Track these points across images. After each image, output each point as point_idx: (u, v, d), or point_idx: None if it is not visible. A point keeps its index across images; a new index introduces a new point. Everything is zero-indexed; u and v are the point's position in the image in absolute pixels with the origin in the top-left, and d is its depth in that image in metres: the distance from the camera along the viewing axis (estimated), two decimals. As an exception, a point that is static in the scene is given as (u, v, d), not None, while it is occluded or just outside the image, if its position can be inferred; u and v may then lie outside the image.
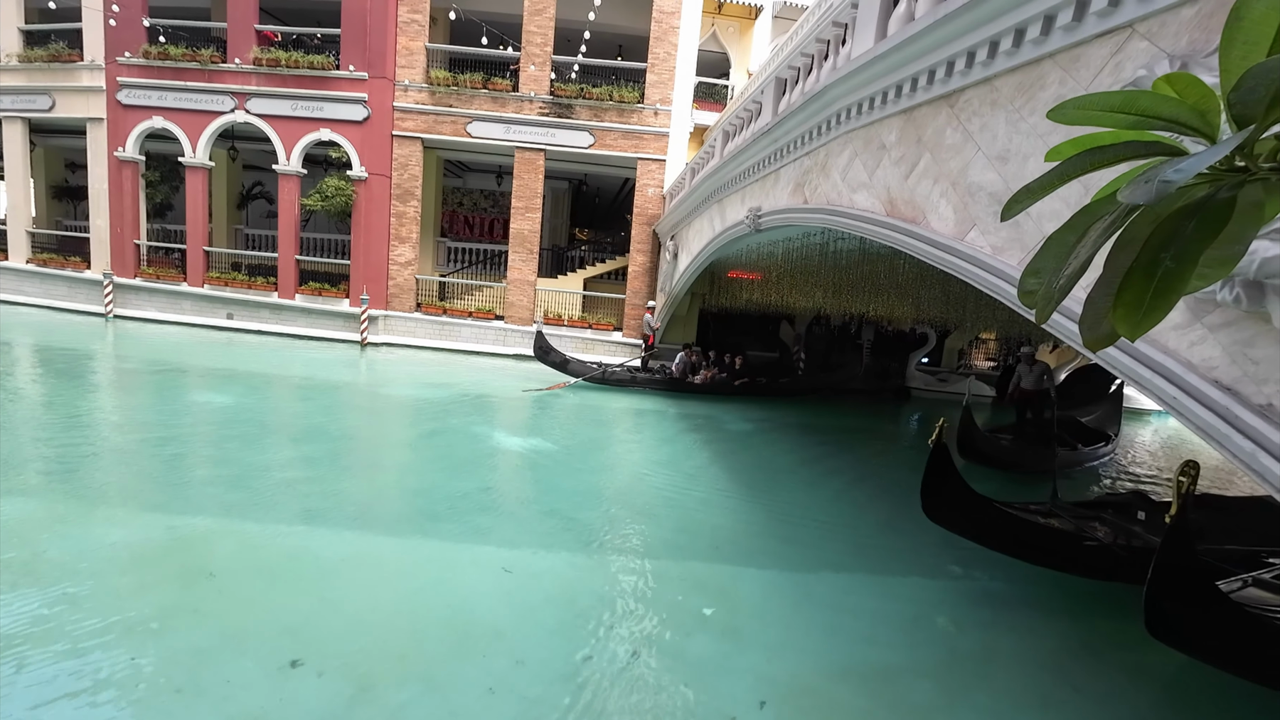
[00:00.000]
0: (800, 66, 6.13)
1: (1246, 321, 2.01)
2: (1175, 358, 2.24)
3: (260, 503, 5.11)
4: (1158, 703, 3.62)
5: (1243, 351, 2.03)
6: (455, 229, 18.89)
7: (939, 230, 3.74)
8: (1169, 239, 0.67)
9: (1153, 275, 0.67)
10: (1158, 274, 0.66)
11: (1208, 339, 2.14)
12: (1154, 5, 2.39)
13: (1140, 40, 2.49)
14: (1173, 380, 2.21)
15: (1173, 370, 2.22)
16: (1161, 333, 2.31)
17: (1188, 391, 2.17)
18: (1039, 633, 4.17)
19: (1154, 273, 0.66)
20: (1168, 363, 2.25)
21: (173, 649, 3.16)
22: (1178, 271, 0.65)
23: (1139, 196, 0.60)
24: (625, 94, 14.09)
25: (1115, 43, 2.60)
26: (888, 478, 7.81)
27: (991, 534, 4.59)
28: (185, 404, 8.26)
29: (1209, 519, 5.19)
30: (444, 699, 2.99)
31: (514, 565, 4.40)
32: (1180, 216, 0.68)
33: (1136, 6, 2.47)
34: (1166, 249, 0.66)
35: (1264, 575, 4.14)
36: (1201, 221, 0.65)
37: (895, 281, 8.02)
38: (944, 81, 3.67)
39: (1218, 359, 2.11)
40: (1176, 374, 2.21)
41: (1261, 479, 1.98)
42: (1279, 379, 1.93)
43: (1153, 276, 0.67)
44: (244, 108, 14.11)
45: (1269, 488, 1.96)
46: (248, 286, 14.76)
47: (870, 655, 3.72)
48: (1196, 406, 2.14)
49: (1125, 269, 0.71)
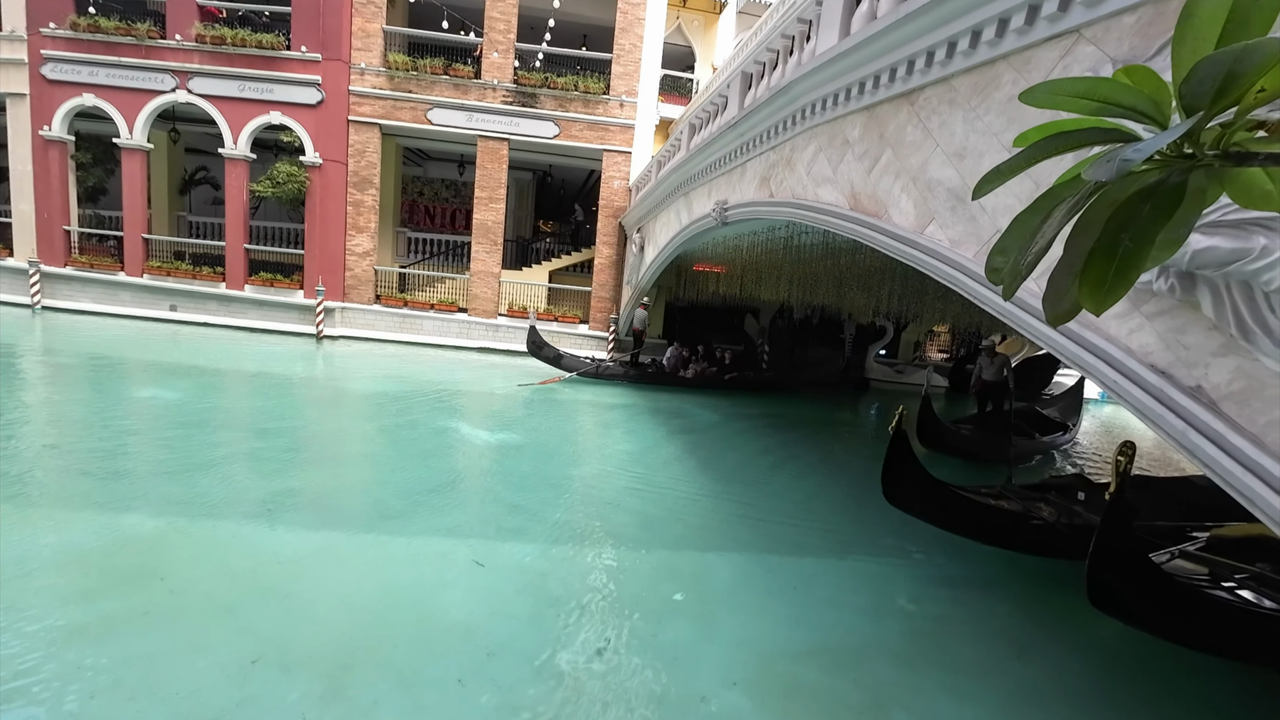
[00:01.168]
0: (766, 61, 6.21)
1: (1179, 310, 2.17)
2: (1116, 344, 2.40)
3: (214, 501, 4.90)
4: (1098, 668, 3.88)
5: (1176, 338, 2.18)
6: (416, 219, 18.40)
7: (900, 224, 3.86)
8: (1127, 221, 0.72)
9: (1114, 255, 0.72)
10: (1118, 254, 0.71)
11: (1145, 326, 2.30)
12: (1099, 11, 2.52)
13: (1087, 45, 2.63)
14: (1113, 365, 2.37)
15: (1114, 356, 2.37)
16: (1104, 321, 2.46)
17: (1127, 375, 2.32)
18: (991, 608, 4.40)
19: (1115, 253, 0.72)
20: (1109, 349, 2.40)
21: (122, 654, 3.01)
22: (1136, 251, 0.70)
23: (1101, 174, 0.65)
24: (591, 85, 13.97)
25: (1064, 46, 2.74)
26: (850, 465, 8.06)
27: (948, 517, 4.81)
28: (128, 400, 7.82)
29: (1144, 497, 5.57)
30: (415, 693, 2.95)
31: (485, 558, 4.36)
32: (1136, 200, 0.73)
33: (1083, 12, 2.60)
34: (1125, 230, 0.71)
35: (1189, 548, 4.47)
36: (1156, 204, 0.71)
37: (857, 274, 8.25)
38: (905, 80, 3.79)
39: (1153, 345, 2.26)
40: (1117, 359, 2.36)
41: (1191, 455, 2.14)
42: (1207, 363, 2.09)
43: (1114, 256, 0.72)
44: (186, 87, 13.36)
45: (1198, 463, 2.12)
46: (193, 276, 14.03)
47: (835, 635, 3.85)
48: (1134, 389, 2.30)
49: (1088, 250, 0.76)
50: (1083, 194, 0.76)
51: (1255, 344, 1.91)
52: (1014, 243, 0.87)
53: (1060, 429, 10.34)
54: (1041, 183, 2.51)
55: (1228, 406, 2.03)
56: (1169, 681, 3.71)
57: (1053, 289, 0.85)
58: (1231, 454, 1.98)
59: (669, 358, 12.85)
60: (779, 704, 3.16)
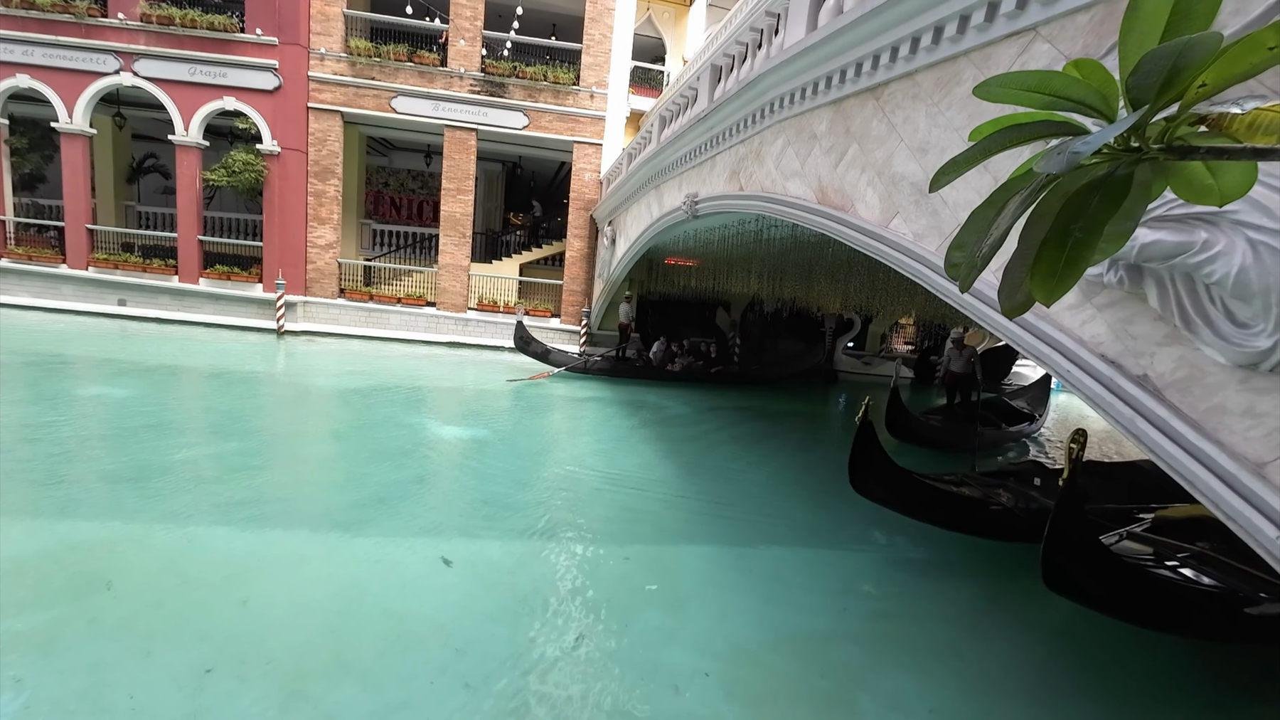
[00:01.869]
0: (735, 54, 6.21)
1: (1128, 301, 2.25)
2: (1069, 335, 2.48)
3: (165, 504, 4.69)
4: (1052, 644, 4.05)
5: (1124, 328, 2.27)
6: (381, 211, 17.92)
7: (866, 218, 3.92)
8: (1077, 212, 0.74)
9: (1064, 246, 0.73)
10: (1069, 244, 0.73)
11: (1096, 318, 2.38)
12: (1055, 10, 2.59)
13: (1043, 43, 2.69)
14: (1066, 355, 2.45)
15: (1067, 346, 2.45)
16: (1058, 313, 2.54)
17: (1079, 365, 2.41)
18: (952, 591, 4.54)
19: (1065, 243, 0.73)
20: (1063, 339, 2.48)
21: (66, 665, 2.86)
22: (1085, 241, 0.71)
23: (1053, 166, 0.66)
24: (561, 75, 13.78)
25: (1021, 44, 2.80)
26: (818, 455, 8.20)
27: (911, 504, 4.94)
28: (71, 399, 7.42)
29: (1095, 482, 5.82)
30: (382, 694, 2.88)
31: (453, 555, 4.29)
32: (1086, 192, 0.74)
33: (1040, 10, 2.66)
34: (1076, 221, 0.73)
35: (1136, 529, 4.69)
36: (1104, 196, 0.72)
37: (825, 268, 8.37)
38: (870, 74, 3.83)
39: (1104, 335, 2.35)
40: (1070, 349, 2.44)
41: (1138, 441, 2.23)
42: (1153, 352, 2.17)
43: (1064, 247, 0.73)
44: (131, 69, 12.67)
45: (1144, 449, 2.21)
46: (143, 269, 13.39)
47: (804, 621, 3.92)
48: (1086, 378, 2.38)
49: (1040, 241, 0.77)
50: (1034, 187, 0.77)
51: (1197, 334, 2.00)
52: (971, 236, 0.88)
53: (1027, 419, 10.71)
54: (1000, 177, 2.57)
55: (1171, 394, 2.11)
56: (1119, 657, 3.89)
57: (1007, 281, 0.86)
58: (1174, 439, 2.07)
59: (655, 352, 13.06)
60: (749, 691, 3.20)
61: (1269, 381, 1.83)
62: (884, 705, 3.20)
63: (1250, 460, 1.88)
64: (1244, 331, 1.85)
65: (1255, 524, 1.84)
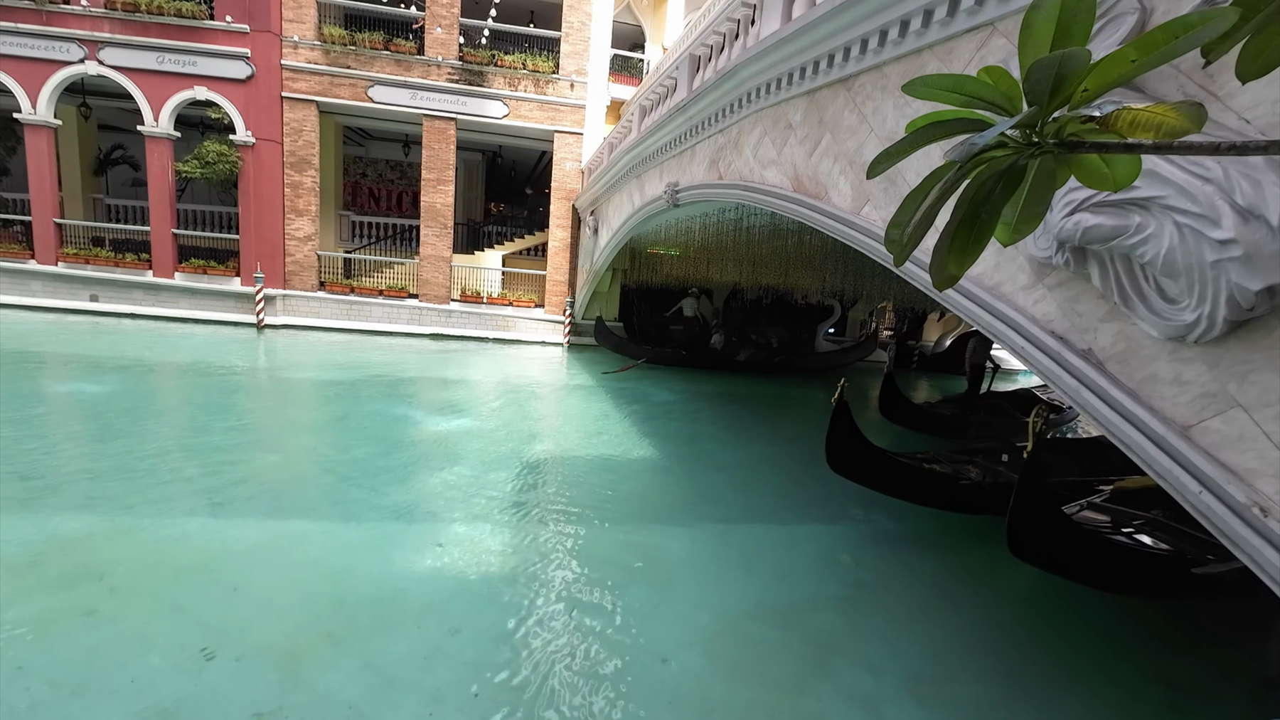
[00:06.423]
0: (713, 44, 6.29)
1: (1074, 281, 2.42)
2: (1024, 314, 2.65)
3: (154, 496, 4.72)
4: (1017, 608, 4.29)
5: (1071, 306, 2.44)
6: (360, 202, 17.70)
7: (839, 205, 4.06)
8: (986, 198, 0.87)
9: (973, 225, 0.86)
10: (976, 224, 0.86)
11: (1047, 297, 2.55)
12: (1010, 6, 2.73)
13: (1000, 38, 2.84)
14: (1020, 332, 2.62)
15: (1021, 324, 2.62)
16: (1014, 293, 2.71)
17: (1032, 341, 2.58)
18: (924, 562, 4.77)
19: (974, 223, 0.86)
20: (1018, 318, 2.65)
21: (66, 652, 2.93)
22: (989, 222, 0.85)
23: (956, 155, 0.79)
24: (540, 63, 13.70)
25: (980, 38, 2.94)
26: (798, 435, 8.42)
27: (886, 481, 5.15)
28: (48, 395, 7.33)
29: (1058, 458, 6.10)
30: (378, 673, 2.99)
31: (445, 539, 4.39)
32: (993, 180, 0.87)
33: (997, 6, 2.81)
34: (983, 205, 0.86)
35: (1095, 499, 4.96)
36: (1005, 184, 0.85)
37: (803, 255, 8.53)
38: (842, 66, 3.96)
39: (1053, 313, 2.52)
40: (1024, 326, 2.61)
41: (1084, 411, 2.42)
42: (1096, 328, 2.35)
43: (974, 226, 0.86)
44: (96, 58, 12.32)
45: (1089, 416, 2.40)
46: (114, 264, 13.11)
47: (784, 593, 4.11)
48: (1038, 353, 2.56)
49: (957, 222, 0.90)
50: (954, 174, 0.90)
51: (1133, 310, 2.17)
52: (905, 217, 1.00)
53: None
54: (960, 166, 2.72)
55: (1112, 366, 2.29)
56: (1079, 617, 4.15)
57: (936, 258, 1.00)
58: (1114, 407, 2.25)
59: (716, 342, 14.43)
60: (733, 658, 3.38)
61: (1193, 352, 2.01)
62: (861, 668, 3.40)
63: (1178, 424, 2.06)
64: (1173, 307, 2.03)
65: (1182, 481, 2.03)
